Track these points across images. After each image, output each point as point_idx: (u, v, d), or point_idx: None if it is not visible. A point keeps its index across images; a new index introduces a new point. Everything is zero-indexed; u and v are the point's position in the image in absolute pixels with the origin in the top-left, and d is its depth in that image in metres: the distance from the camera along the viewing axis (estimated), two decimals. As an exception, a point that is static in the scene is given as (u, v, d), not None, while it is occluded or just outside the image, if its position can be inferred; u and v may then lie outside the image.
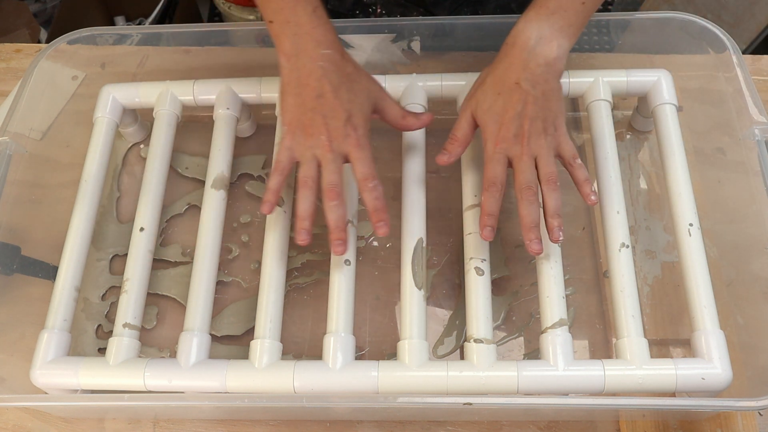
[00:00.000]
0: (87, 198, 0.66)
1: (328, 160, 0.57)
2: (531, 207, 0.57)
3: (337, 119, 0.57)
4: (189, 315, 0.60)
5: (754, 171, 0.63)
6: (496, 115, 0.58)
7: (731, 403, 0.53)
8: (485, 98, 0.59)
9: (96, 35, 0.76)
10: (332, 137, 0.57)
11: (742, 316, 0.62)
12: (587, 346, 0.64)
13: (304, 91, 0.57)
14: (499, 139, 0.58)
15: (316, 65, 0.57)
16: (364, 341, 0.65)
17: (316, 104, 0.57)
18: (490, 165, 0.58)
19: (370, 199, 0.58)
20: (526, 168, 0.57)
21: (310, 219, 0.58)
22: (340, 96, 0.57)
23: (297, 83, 0.58)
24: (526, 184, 0.57)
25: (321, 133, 0.57)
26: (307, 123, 0.57)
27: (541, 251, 0.57)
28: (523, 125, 0.57)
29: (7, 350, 0.64)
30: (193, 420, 0.63)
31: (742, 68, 0.67)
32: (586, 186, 0.59)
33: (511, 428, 0.61)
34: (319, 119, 0.57)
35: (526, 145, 0.57)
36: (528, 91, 0.58)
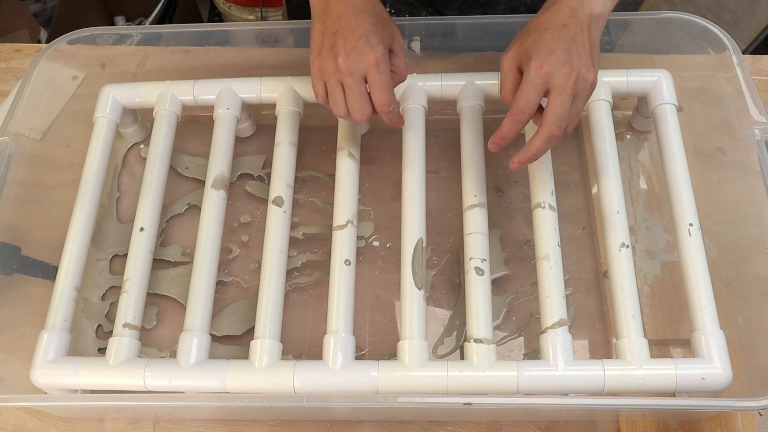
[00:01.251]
0: (87, 198, 0.66)
1: (348, 86, 0.57)
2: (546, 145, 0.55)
3: (356, 38, 0.56)
4: (189, 315, 0.60)
5: (754, 171, 0.63)
6: (544, 44, 0.55)
7: (731, 403, 0.53)
8: (529, 35, 0.56)
9: (96, 35, 0.76)
10: (349, 58, 0.56)
11: (742, 316, 0.62)
12: (587, 346, 0.64)
13: (328, 17, 0.57)
14: (546, 63, 0.54)
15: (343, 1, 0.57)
16: (364, 341, 0.65)
17: (337, 26, 0.56)
18: (527, 89, 0.54)
19: (387, 119, 0.59)
20: (566, 102, 0.54)
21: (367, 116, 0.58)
22: (362, 19, 0.56)
23: (324, 11, 0.58)
24: (558, 120, 0.54)
25: (338, 55, 0.56)
26: (328, 47, 0.57)
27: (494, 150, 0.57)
28: (572, 60, 0.54)
29: (7, 350, 0.64)
30: (193, 420, 0.63)
31: (742, 68, 0.67)
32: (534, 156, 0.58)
33: (511, 428, 0.61)
34: (340, 41, 0.56)
35: (572, 79, 0.54)
36: (576, 33, 0.55)
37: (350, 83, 0.56)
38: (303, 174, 0.74)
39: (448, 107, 0.74)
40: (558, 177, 0.68)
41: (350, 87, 0.57)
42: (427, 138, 0.68)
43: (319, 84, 0.59)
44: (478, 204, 0.63)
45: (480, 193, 0.64)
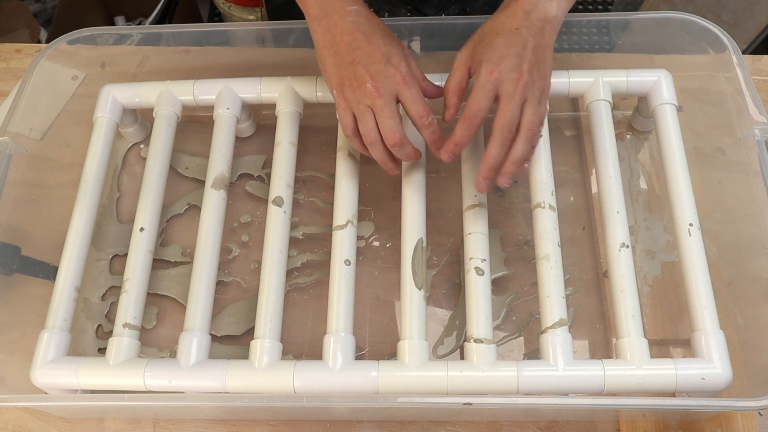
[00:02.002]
0: (87, 198, 0.66)
1: (379, 107, 0.57)
2: (501, 150, 0.57)
3: (378, 63, 0.57)
4: (189, 315, 0.60)
5: (754, 171, 0.63)
6: (495, 49, 0.56)
7: (731, 403, 0.53)
8: (482, 38, 0.58)
9: (96, 35, 0.76)
10: (377, 82, 0.56)
11: (742, 316, 0.62)
12: (587, 346, 0.64)
13: (340, 49, 0.58)
14: (496, 69, 0.56)
15: (346, 21, 0.58)
16: (364, 341, 0.65)
17: (354, 56, 0.57)
18: (478, 95, 0.56)
19: (428, 134, 0.58)
20: (514, 110, 0.56)
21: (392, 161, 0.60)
22: (374, 42, 0.57)
23: (332, 43, 0.58)
24: (507, 126, 0.56)
25: (365, 82, 0.57)
26: (350, 77, 0.57)
27: (485, 190, 0.58)
28: (522, 66, 0.56)
29: (7, 350, 0.64)
30: (193, 420, 0.63)
31: (742, 68, 0.67)
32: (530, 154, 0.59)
33: (511, 428, 0.61)
34: (361, 69, 0.57)
35: (521, 85, 0.56)
36: (528, 38, 0.57)
37: (381, 104, 0.57)
38: (303, 174, 0.74)
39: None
40: (558, 177, 0.68)
41: (381, 107, 0.57)
42: (427, 138, 0.68)
43: (347, 115, 0.59)
44: (478, 204, 0.63)
45: (480, 193, 0.64)
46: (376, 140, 0.58)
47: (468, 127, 0.57)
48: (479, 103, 0.56)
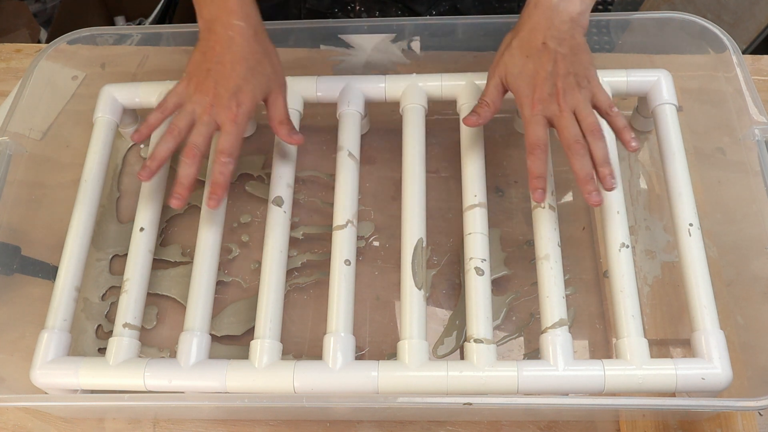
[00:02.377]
0: (87, 198, 0.66)
1: (202, 122, 0.59)
2: (583, 160, 0.58)
3: (226, 88, 0.59)
4: (189, 315, 0.60)
5: (754, 171, 0.63)
6: (528, 78, 0.59)
7: (731, 403, 0.53)
8: (514, 63, 0.60)
9: (96, 35, 0.76)
10: (215, 102, 0.59)
11: (742, 316, 0.62)
12: (587, 346, 0.64)
13: (208, 54, 0.60)
14: (535, 101, 0.58)
15: (226, 34, 0.59)
16: (364, 341, 0.65)
17: (213, 68, 0.59)
18: (531, 128, 0.59)
19: (217, 173, 0.60)
20: (568, 123, 0.58)
21: (160, 162, 0.60)
22: (236, 69, 0.59)
23: (206, 45, 0.60)
24: (573, 138, 0.58)
25: (207, 94, 0.59)
26: (200, 80, 0.60)
27: (601, 202, 0.58)
28: (557, 83, 0.58)
29: (7, 350, 0.64)
30: (193, 420, 0.63)
31: (742, 68, 0.67)
32: (626, 133, 0.59)
33: (511, 428, 0.61)
34: (211, 82, 0.59)
35: (563, 101, 0.58)
36: (556, 50, 0.58)
37: (205, 120, 0.59)
38: (303, 174, 0.74)
39: (448, 107, 0.74)
40: (558, 177, 0.68)
41: (202, 123, 0.60)
42: (427, 138, 0.68)
43: (173, 98, 0.61)
44: (478, 204, 0.63)
45: (480, 193, 0.64)
46: (176, 137, 0.60)
47: (537, 157, 0.59)
48: (537, 135, 0.58)
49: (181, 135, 0.60)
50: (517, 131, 0.75)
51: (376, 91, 0.70)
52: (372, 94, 0.70)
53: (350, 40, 0.75)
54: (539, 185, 0.59)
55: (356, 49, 0.75)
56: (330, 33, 0.74)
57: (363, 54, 0.75)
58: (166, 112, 0.62)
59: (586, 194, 0.58)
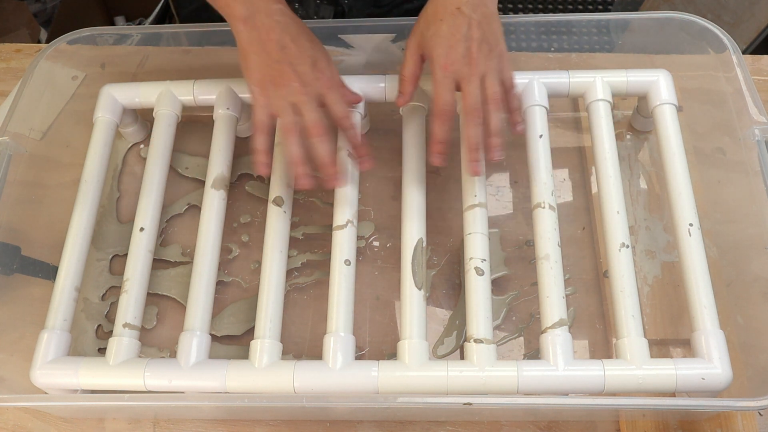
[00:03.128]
0: (87, 198, 0.66)
1: (304, 103, 0.58)
2: (477, 129, 0.59)
3: (305, 65, 0.58)
4: (189, 315, 0.60)
5: (754, 171, 0.63)
6: (442, 39, 0.59)
7: (731, 403, 0.53)
8: (428, 26, 0.60)
9: (96, 35, 0.76)
10: (303, 81, 0.58)
11: (742, 316, 0.62)
12: (587, 346, 0.64)
13: (266, 47, 0.59)
14: (448, 62, 0.58)
15: (273, 20, 0.59)
16: (364, 341, 0.65)
17: (282, 55, 0.58)
18: (441, 90, 0.59)
19: (351, 137, 0.60)
20: (474, 89, 0.58)
21: (304, 163, 0.59)
22: (301, 44, 0.59)
23: (258, 41, 0.59)
24: (474, 105, 0.58)
25: (292, 80, 0.58)
26: (276, 75, 0.59)
27: (480, 172, 0.59)
28: (471, 47, 0.58)
29: (7, 350, 0.64)
30: (193, 420, 0.63)
31: (742, 68, 0.67)
32: (516, 114, 0.62)
33: (511, 428, 0.61)
34: (287, 68, 0.58)
35: (475, 66, 0.58)
36: (470, 16, 0.59)
37: (306, 100, 0.59)
38: (303, 174, 0.74)
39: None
40: (558, 177, 0.68)
41: (306, 104, 0.58)
42: (428, 138, 0.68)
43: (263, 112, 0.60)
44: (478, 204, 0.63)
45: (480, 193, 0.64)
46: (295, 132, 0.59)
47: (442, 122, 0.59)
48: (444, 97, 0.59)
49: (299, 127, 0.59)
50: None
51: (376, 91, 0.70)
52: (372, 94, 0.70)
53: (350, 40, 0.75)
54: (440, 150, 0.60)
55: (356, 49, 0.75)
56: (330, 33, 0.74)
57: (363, 54, 0.75)
58: (267, 128, 0.60)
59: (470, 161, 0.59)
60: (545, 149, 0.66)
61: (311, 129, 0.58)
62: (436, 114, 0.59)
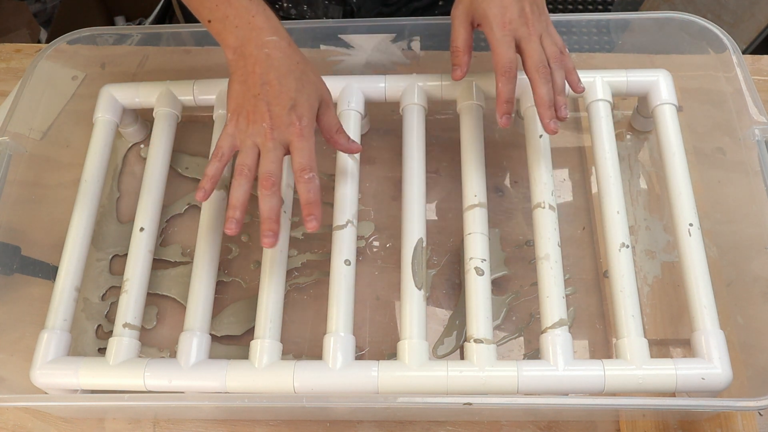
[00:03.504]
0: (87, 198, 0.66)
1: (267, 149, 0.56)
2: (547, 86, 0.59)
3: (281, 106, 0.56)
4: (189, 315, 0.60)
5: (754, 171, 0.63)
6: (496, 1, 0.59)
7: (731, 403, 0.53)
8: None
9: (96, 35, 0.76)
10: (274, 125, 0.55)
11: (742, 316, 0.62)
12: (587, 346, 0.64)
13: (249, 79, 0.57)
14: (505, 21, 0.59)
15: (262, 52, 0.57)
16: (364, 341, 0.65)
17: (261, 91, 0.56)
18: (501, 49, 0.59)
19: (305, 191, 0.56)
20: (537, 47, 0.59)
21: (241, 208, 0.56)
22: (285, 84, 0.56)
23: (243, 71, 0.57)
24: (541, 63, 0.59)
25: (263, 120, 0.55)
26: (250, 110, 0.56)
27: (557, 130, 0.59)
28: (524, 8, 0.59)
29: (7, 350, 0.64)
30: (193, 420, 0.63)
31: (742, 68, 0.67)
32: (574, 74, 0.62)
33: (511, 428, 0.61)
34: (263, 106, 0.56)
35: (531, 25, 0.59)
36: None
37: (270, 146, 0.55)
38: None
39: (448, 107, 0.74)
40: (558, 177, 0.68)
41: (269, 150, 0.55)
42: (427, 138, 0.68)
43: (227, 142, 0.57)
44: (478, 204, 0.63)
45: (480, 193, 0.64)
46: (248, 176, 0.56)
47: (508, 80, 0.59)
48: (507, 55, 0.59)
49: (252, 172, 0.56)
50: (517, 131, 0.75)
51: (376, 91, 0.70)
52: (372, 94, 0.70)
53: (350, 40, 0.75)
54: (508, 110, 0.60)
55: (356, 49, 0.75)
56: (330, 33, 0.74)
57: (363, 54, 0.75)
58: (224, 159, 0.57)
59: (546, 119, 0.59)
60: (545, 149, 0.66)
61: (264, 180, 0.55)
62: (502, 72, 0.59)
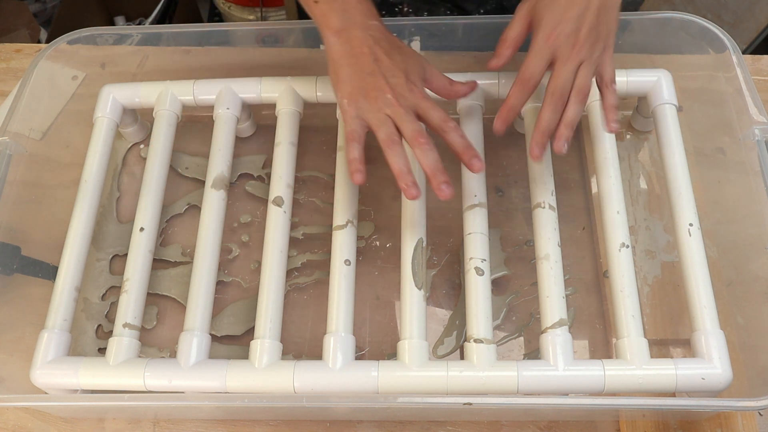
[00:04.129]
0: (87, 198, 0.66)
1: (401, 114, 0.57)
2: (554, 114, 0.57)
3: (397, 77, 0.57)
4: (189, 315, 0.60)
5: (754, 171, 0.63)
6: (555, 11, 0.57)
7: (731, 403, 0.53)
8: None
9: (96, 35, 0.76)
10: (398, 93, 0.57)
11: (742, 316, 0.62)
12: (587, 346, 0.64)
13: (359, 60, 0.58)
14: (552, 35, 0.57)
15: (366, 34, 0.58)
16: (364, 341, 0.65)
17: (375, 68, 0.57)
18: (532, 59, 0.58)
19: (457, 140, 0.57)
20: (567, 73, 0.57)
21: (410, 171, 0.57)
22: (394, 58, 0.58)
23: (350, 54, 0.58)
24: (561, 89, 0.57)
25: (386, 92, 0.57)
26: (369, 87, 0.57)
27: (540, 158, 0.58)
28: (580, 29, 0.57)
29: (7, 350, 0.64)
30: (193, 420, 0.63)
31: (742, 68, 0.67)
32: (612, 112, 0.60)
33: (511, 428, 0.61)
34: (381, 80, 0.57)
35: (577, 49, 0.57)
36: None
37: (402, 112, 0.57)
38: (303, 174, 0.74)
39: (448, 107, 0.73)
40: (558, 177, 0.68)
41: (403, 115, 0.57)
42: (427, 138, 0.68)
43: (356, 123, 0.58)
44: (478, 204, 0.63)
45: (480, 193, 0.64)
46: (399, 142, 0.57)
47: (522, 90, 0.58)
48: (534, 67, 0.57)
49: (400, 138, 0.58)
50: (517, 131, 0.75)
51: (376, 91, 0.70)
52: (372, 94, 0.70)
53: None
54: (508, 117, 0.59)
55: (356, 49, 0.75)
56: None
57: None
58: (361, 139, 0.58)
59: (534, 143, 0.58)
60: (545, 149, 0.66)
61: (415, 139, 0.56)
62: (519, 79, 0.58)
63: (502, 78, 0.69)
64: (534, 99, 0.67)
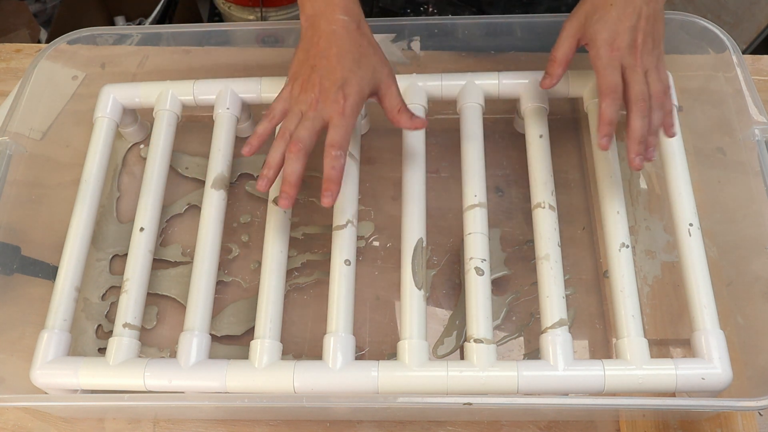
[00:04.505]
0: (87, 198, 0.66)
1: (307, 118, 0.58)
2: (644, 120, 0.58)
3: (332, 82, 0.57)
4: (189, 315, 0.60)
5: (754, 171, 0.63)
6: (610, 23, 0.58)
7: (731, 403, 0.53)
8: (595, 10, 0.59)
9: (96, 35, 0.76)
10: (321, 98, 0.57)
11: (742, 316, 0.62)
12: (587, 346, 0.64)
13: (312, 50, 0.59)
14: (614, 47, 0.58)
15: (329, 28, 0.58)
16: (364, 341, 0.65)
17: (317, 63, 0.58)
18: (607, 71, 0.58)
19: (329, 167, 0.57)
20: (641, 79, 0.58)
21: (275, 168, 0.58)
22: (342, 62, 0.58)
23: (309, 42, 0.59)
24: (642, 95, 0.57)
25: (313, 91, 0.58)
26: (304, 79, 0.58)
27: (641, 167, 0.58)
28: (637, 38, 0.58)
29: (7, 350, 0.64)
30: (193, 420, 0.63)
31: (742, 68, 0.67)
32: (671, 117, 0.61)
33: (511, 428, 0.61)
34: (316, 77, 0.58)
35: (639, 57, 0.58)
36: (641, 7, 0.58)
37: (311, 116, 0.58)
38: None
39: (448, 107, 0.74)
40: (558, 177, 0.68)
41: (308, 119, 0.57)
42: (427, 138, 0.68)
43: (279, 104, 0.60)
44: (478, 204, 0.63)
45: (480, 193, 0.64)
46: (285, 141, 0.58)
47: (612, 101, 0.58)
48: (614, 79, 0.58)
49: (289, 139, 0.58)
50: (517, 131, 0.75)
51: (376, 91, 0.70)
52: (372, 94, 0.70)
53: (350, 40, 0.74)
54: (609, 132, 0.58)
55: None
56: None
57: (363, 54, 0.75)
58: (275, 119, 0.60)
59: (633, 154, 0.57)
60: (545, 149, 0.66)
61: (292, 144, 0.57)
62: (607, 93, 0.58)
63: (502, 78, 0.69)
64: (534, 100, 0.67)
